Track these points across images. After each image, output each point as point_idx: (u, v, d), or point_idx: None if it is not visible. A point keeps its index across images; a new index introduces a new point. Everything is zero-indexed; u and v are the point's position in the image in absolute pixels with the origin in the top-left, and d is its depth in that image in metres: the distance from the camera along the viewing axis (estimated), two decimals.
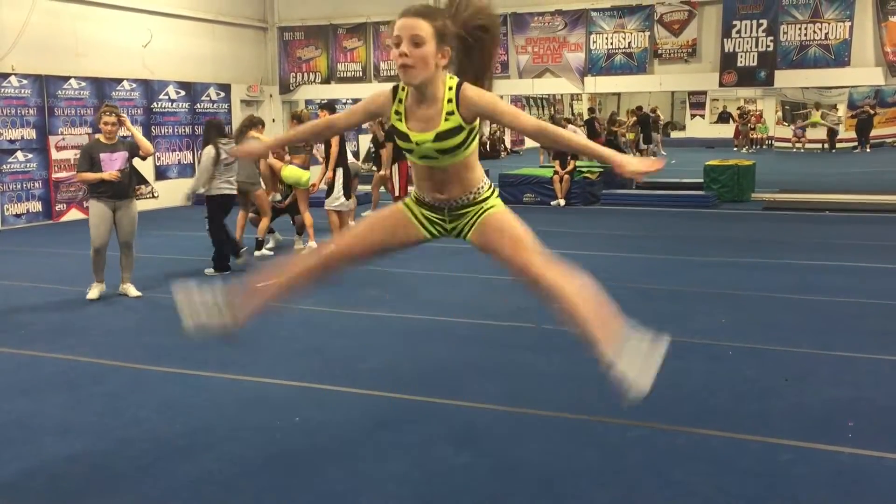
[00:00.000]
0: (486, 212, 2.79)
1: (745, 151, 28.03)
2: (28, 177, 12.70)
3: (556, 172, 14.40)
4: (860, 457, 3.84)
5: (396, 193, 12.13)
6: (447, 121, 2.62)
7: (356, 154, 12.56)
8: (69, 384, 5.06)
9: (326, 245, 2.92)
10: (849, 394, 4.70)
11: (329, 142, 9.45)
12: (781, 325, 6.21)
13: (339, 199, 9.42)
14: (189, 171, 15.32)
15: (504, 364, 5.37)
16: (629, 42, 15.23)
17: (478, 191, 2.79)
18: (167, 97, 15.18)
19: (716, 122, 35.74)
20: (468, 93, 2.62)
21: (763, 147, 30.39)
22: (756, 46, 14.41)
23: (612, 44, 15.33)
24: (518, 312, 6.46)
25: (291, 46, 17.62)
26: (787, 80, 15.20)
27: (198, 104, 15.87)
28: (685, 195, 14.57)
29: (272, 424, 4.34)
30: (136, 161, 7.54)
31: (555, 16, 15.57)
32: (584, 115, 26.11)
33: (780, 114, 31.16)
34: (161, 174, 14.97)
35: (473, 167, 2.77)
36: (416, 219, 2.85)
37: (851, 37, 13.89)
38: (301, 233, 9.96)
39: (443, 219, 2.83)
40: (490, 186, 2.87)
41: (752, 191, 14.79)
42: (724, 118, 35.07)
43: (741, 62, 14.53)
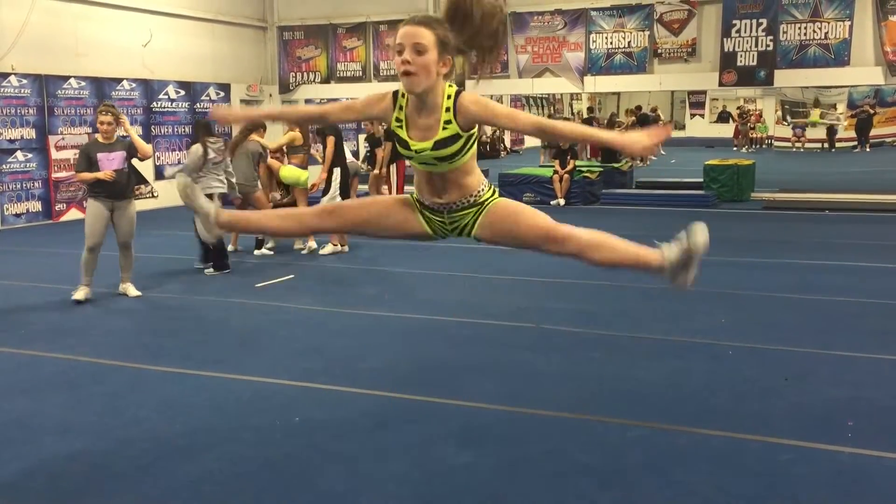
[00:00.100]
0: (488, 206, 2.84)
1: (745, 151, 28.03)
2: (28, 176, 12.70)
3: (556, 172, 14.40)
4: (860, 456, 3.84)
5: (394, 193, 12.13)
6: (445, 129, 2.66)
7: (356, 154, 12.55)
8: (69, 384, 5.06)
9: (326, 209, 2.99)
10: (849, 393, 4.70)
11: (325, 141, 9.48)
12: (781, 325, 6.21)
13: (336, 199, 9.42)
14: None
15: (504, 363, 5.37)
16: (629, 41, 15.23)
17: (477, 194, 2.83)
18: (167, 97, 15.18)
19: (715, 122, 35.73)
20: (465, 101, 2.65)
21: (763, 146, 30.39)
22: (756, 46, 14.40)
23: (612, 43, 15.33)
24: (518, 312, 6.46)
25: (291, 46, 17.62)
26: (787, 80, 15.18)
27: (197, 104, 15.86)
28: (685, 195, 14.56)
29: (272, 424, 4.34)
30: (136, 161, 7.54)
31: (554, 15, 15.57)
32: (584, 115, 26.08)
33: (780, 113, 31.16)
34: (160, 174, 14.96)
35: (472, 172, 2.81)
36: (419, 213, 2.91)
37: (851, 36, 13.89)
38: None
39: (443, 221, 2.88)
40: (489, 187, 2.90)
41: (752, 190, 14.79)
42: (724, 118, 35.07)
43: (741, 61, 14.53)
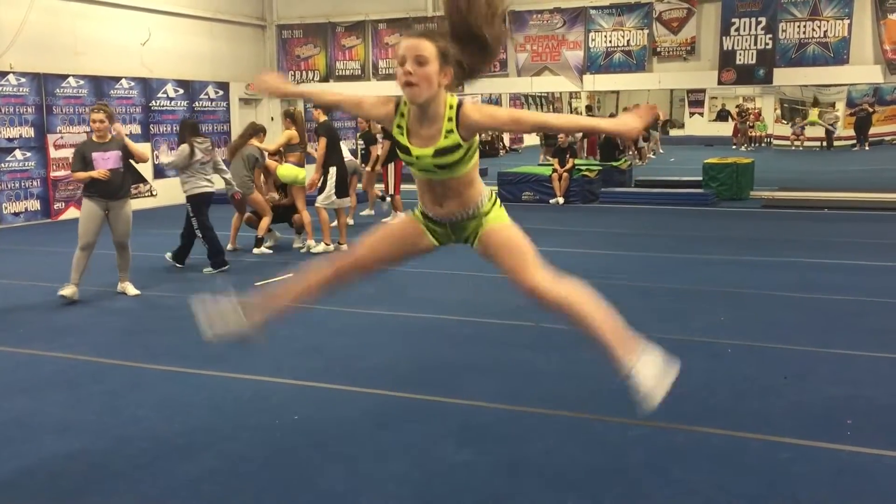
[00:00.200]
0: (489, 225, 2.85)
1: (744, 149, 28.04)
2: (26, 175, 12.69)
3: (555, 170, 14.40)
4: (860, 455, 3.85)
5: (391, 192, 12.14)
6: (446, 138, 2.69)
7: (354, 152, 12.53)
8: (68, 383, 5.06)
9: (342, 255, 2.97)
10: (848, 392, 4.70)
11: (318, 141, 9.52)
12: (781, 324, 6.21)
13: (331, 198, 9.43)
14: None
15: (503, 362, 5.36)
16: (628, 40, 15.22)
17: (477, 206, 2.84)
18: (165, 95, 15.16)
19: (714, 120, 35.71)
20: (467, 111, 2.67)
21: (762, 145, 30.39)
22: (755, 44, 14.40)
23: (611, 42, 15.32)
24: (517, 311, 6.45)
25: (290, 45, 17.60)
26: (786, 78, 15.18)
27: (196, 102, 15.85)
28: (684, 193, 14.58)
29: (271, 423, 4.34)
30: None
31: (553, 14, 15.56)
32: (583, 113, 26.09)
33: (779, 112, 31.17)
34: (159, 172, 14.93)
35: (472, 183, 2.82)
36: (428, 230, 2.94)
37: (850, 35, 13.89)
38: (300, 232, 9.97)
39: (446, 232, 2.91)
40: (491, 198, 2.91)
41: (751, 189, 14.81)
42: (723, 116, 35.06)
43: (740, 60, 14.53)
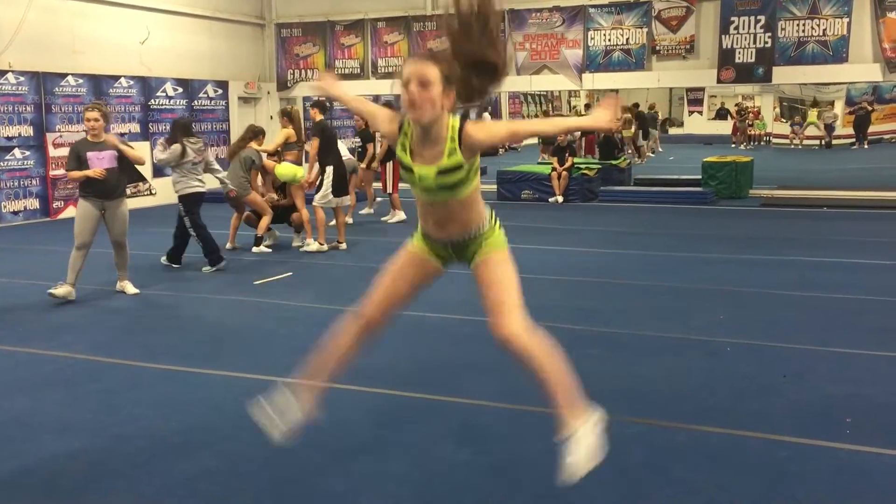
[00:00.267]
0: (486, 252, 2.89)
1: (743, 148, 28.03)
2: (25, 174, 12.68)
3: (554, 169, 14.39)
4: (859, 453, 3.85)
5: (389, 190, 12.14)
6: (449, 158, 2.72)
7: (353, 151, 12.51)
8: (66, 382, 5.05)
9: (361, 310, 2.99)
10: (847, 390, 4.70)
11: (311, 141, 9.56)
12: (780, 322, 6.21)
13: (328, 197, 9.43)
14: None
15: (504, 362, 5.29)
16: (627, 38, 15.21)
17: (479, 228, 2.89)
18: (164, 94, 15.15)
19: (714, 119, 35.70)
20: (469, 130, 2.72)
21: (761, 143, 30.39)
22: (754, 43, 14.39)
23: (610, 40, 15.31)
24: None
25: (289, 43, 17.59)
26: (785, 77, 15.18)
27: (195, 101, 15.84)
28: (683, 192, 14.57)
29: None
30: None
31: (553, 12, 15.55)
32: (581, 111, 26.06)
33: (778, 110, 31.16)
34: (158, 171, 14.89)
35: (474, 205, 2.86)
36: (432, 253, 2.97)
37: (849, 33, 13.88)
38: (299, 230, 9.97)
39: (448, 253, 2.96)
40: (492, 222, 2.95)
41: (750, 187, 14.80)
42: (722, 115, 35.04)
43: (739, 58, 14.52)
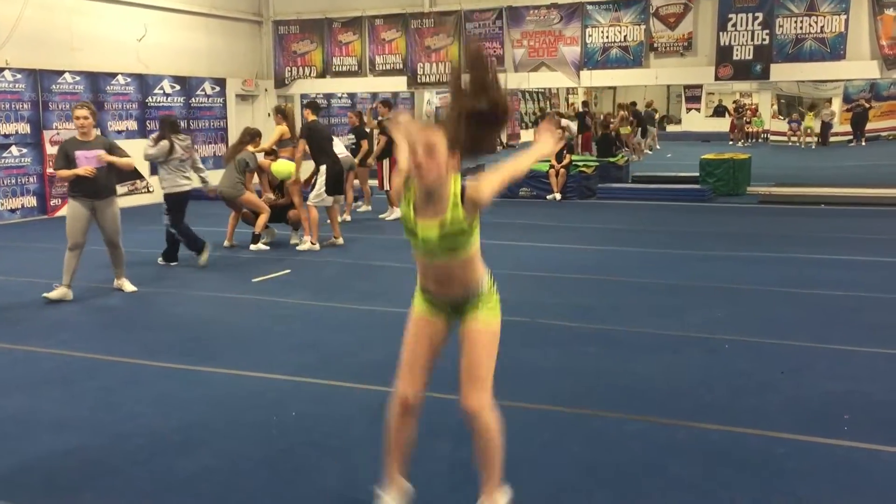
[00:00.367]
0: (480, 320, 3.02)
1: (741, 145, 28.04)
2: (22, 171, 12.66)
3: (552, 166, 14.39)
4: (856, 450, 3.85)
5: (387, 187, 12.15)
6: (452, 218, 2.82)
7: (349, 148, 12.50)
8: (64, 379, 5.05)
9: (397, 393, 3.12)
10: (845, 387, 4.71)
11: (298, 143, 9.66)
12: (777, 319, 6.21)
13: (321, 196, 9.44)
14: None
15: (500, 358, 5.30)
16: (625, 36, 15.20)
17: (478, 288, 2.99)
18: (162, 91, 15.13)
19: (711, 116, 35.69)
20: (470, 191, 2.81)
21: (759, 140, 30.40)
22: (752, 40, 14.38)
23: (608, 37, 15.30)
24: (513, 307, 6.44)
25: (286, 40, 17.56)
26: (783, 74, 15.17)
27: (193, 98, 15.82)
28: (681, 189, 14.59)
29: (268, 419, 4.34)
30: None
31: (550, 9, 15.54)
32: (578, 108, 26.01)
33: (776, 107, 31.17)
34: (156, 168, 14.87)
35: (473, 265, 2.96)
36: (435, 310, 3.08)
37: (847, 30, 13.88)
38: (296, 228, 9.97)
39: (447, 309, 3.07)
40: (491, 285, 3.06)
41: (748, 184, 14.81)
42: (720, 112, 35.04)
43: (737, 55, 14.52)
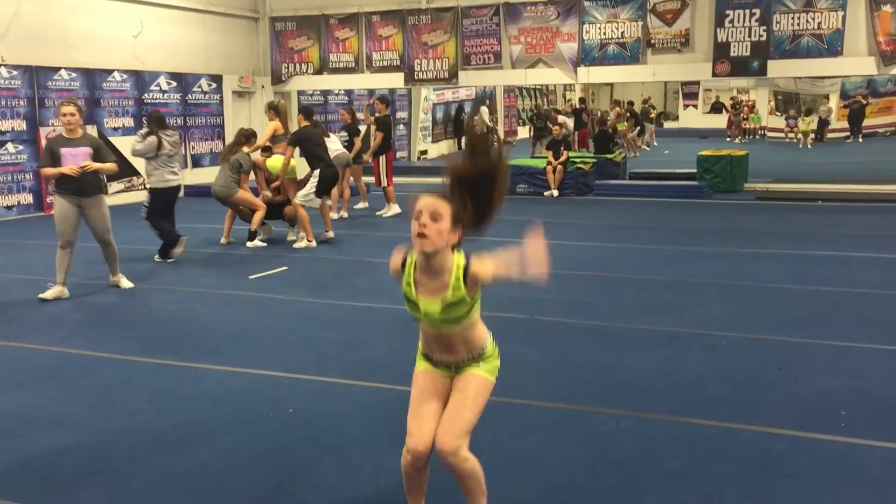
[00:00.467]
0: (473, 371, 3.05)
1: (738, 141, 28.05)
2: (19, 168, 12.63)
3: (550, 163, 14.39)
4: (854, 446, 3.86)
5: (384, 184, 12.15)
6: (454, 293, 2.88)
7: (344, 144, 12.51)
8: (61, 376, 5.05)
9: (407, 448, 3.08)
10: (842, 383, 4.72)
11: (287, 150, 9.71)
12: (774, 315, 6.22)
13: (309, 196, 9.46)
14: (180, 163, 15.24)
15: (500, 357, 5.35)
16: (622, 32, 15.19)
17: (482, 350, 3.06)
18: (158, 88, 15.10)
19: (709, 113, 35.74)
20: (474, 269, 2.88)
21: (756, 137, 30.41)
22: (749, 36, 14.38)
23: (605, 34, 15.29)
24: (510, 303, 6.45)
25: (283, 37, 17.54)
26: (780, 70, 15.15)
27: (189, 95, 15.80)
28: (678, 185, 14.59)
29: (266, 416, 4.34)
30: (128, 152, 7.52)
31: (547, 6, 15.52)
32: (575, 105, 25.98)
33: (773, 104, 31.19)
34: None
35: (475, 329, 3.04)
36: (435, 369, 3.11)
37: (844, 26, 13.88)
38: (293, 224, 9.97)
39: (449, 373, 3.10)
40: (493, 348, 3.11)
41: (745, 181, 14.82)
42: (717, 108, 35.07)
43: (734, 52, 14.52)
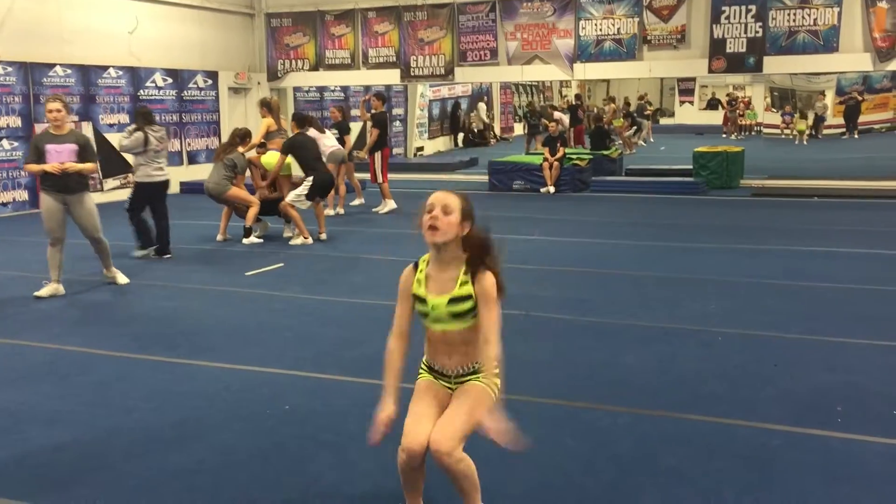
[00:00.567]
0: (475, 382, 3.08)
1: (734, 138, 28.07)
2: (14, 165, 12.58)
3: (546, 159, 14.39)
4: (850, 441, 3.87)
5: (379, 180, 12.14)
6: (461, 288, 2.99)
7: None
8: (57, 373, 5.03)
9: (403, 447, 3.10)
10: (838, 379, 4.72)
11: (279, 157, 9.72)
12: (770, 311, 6.22)
13: (300, 198, 9.49)
14: (176, 160, 15.24)
15: None
16: (618, 28, 15.19)
17: (482, 367, 3.07)
18: (154, 84, 15.06)
19: (705, 109, 35.76)
20: (483, 277, 3.01)
21: (752, 133, 30.44)
22: (745, 32, 14.39)
23: (601, 30, 15.29)
24: (507, 299, 6.44)
25: (279, 33, 17.51)
26: (776, 67, 15.17)
27: (185, 91, 15.76)
28: (674, 182, 14.60)
29: (262, 413, 4.33)
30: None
31: (543, 2, 15.51)
32: (571, 101, 25.99)
33: (769, 100, 31.22)
34: None
35: (477, 340, 3.06)
36: (436, 381, 3.18)
37: (840, 22, 13.89)
38: (289, 221, 9.96)
39: (450, 385, 3.14)
40: (496, 365, 3.10)
41: (741, 177, 14.83)
42: (713, 105, 35.10)
43: (730, 48, 14.52)
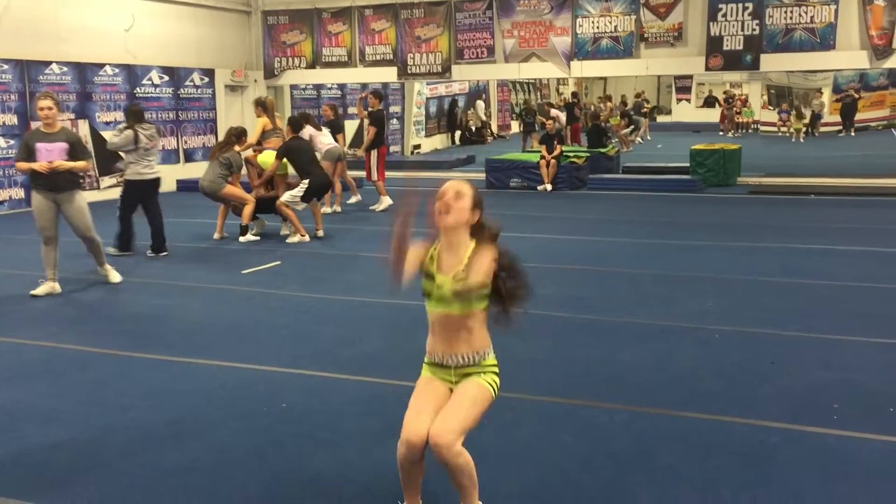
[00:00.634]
0: (475, 380, 3.12)
1: (731, 135, 28.08)
2: (10, 163, 12.52)
3: (543, 157, 14.38)
4: (846, 438, 3.87)
5: (374, 178, 12.15)
6: (465, 269, 3.02)
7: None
8: (53, 372, 5.03)
9: (402, 438, 3.11)
10: (834, 376, 4.73)
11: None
12: (767, 309, 6.23)
13: (295, 199, 9.50)
14: (173, 157, 15.24)
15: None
16: (615, 26, 15.18)
17: (484, 354, 3.12)
18: (150, 82, 15.03)
19: (702, 107, 35.77)
20: (481, 249, 3.04)
21: (749, 131, 30.46)
22: (742, 30, 14.39)
23: (599, 28, 15.27)
24: None
25: (276, 31, 17.48)
26: (773, 64, 15.18)
27: (181, 89, 15.73)
28: (671, 180, 14.61)
29: (259, 411, 4.33)
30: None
31: (540, 0, 15.50)
32: (568, 99, 25.98)
33: (766, 98, 31.24)
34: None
35: (480, 329, 3.12)
36: (440, 378, 3.19)
37: (837, 20, 13.89)
38: (286, 219, 9.95)
39: (450, 378, 3.15)
40: (494, 358, 3.18)
41: (738, 175, 14.85)
42: (710, 102, 35.10)
43: (727, 46, 14.52)
